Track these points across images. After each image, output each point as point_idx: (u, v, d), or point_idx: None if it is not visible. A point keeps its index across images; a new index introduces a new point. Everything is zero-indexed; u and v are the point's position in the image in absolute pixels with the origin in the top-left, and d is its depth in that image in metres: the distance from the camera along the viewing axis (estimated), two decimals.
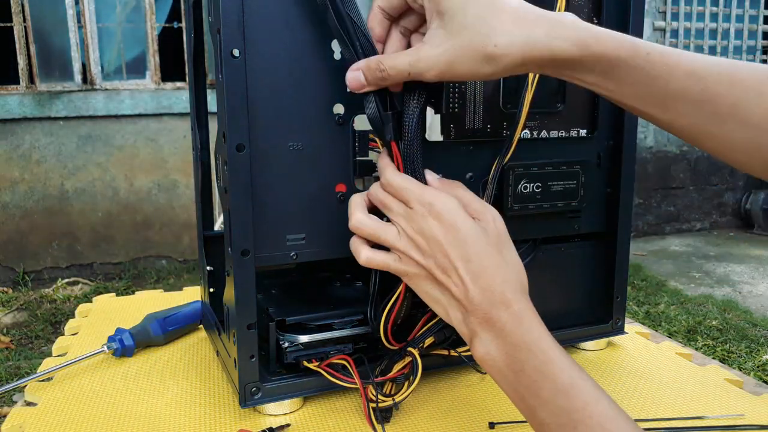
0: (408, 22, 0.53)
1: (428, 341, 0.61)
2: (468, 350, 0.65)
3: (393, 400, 0.60)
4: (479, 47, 0.44)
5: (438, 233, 0.48)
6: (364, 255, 0.53)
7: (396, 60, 0.48)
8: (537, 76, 0.59)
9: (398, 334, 0.61)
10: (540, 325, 0.46)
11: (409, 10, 0.51)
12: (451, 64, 0.46)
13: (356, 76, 0.51)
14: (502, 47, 0.44)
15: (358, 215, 0.53)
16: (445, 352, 0.65)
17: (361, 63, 0.51)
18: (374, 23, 0.52)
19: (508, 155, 0.62)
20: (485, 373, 0.70)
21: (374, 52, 0.51)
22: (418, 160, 0.52)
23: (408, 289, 0.57)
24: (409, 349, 0.60)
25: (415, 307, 0.58)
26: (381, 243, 0.52)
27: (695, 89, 0.42)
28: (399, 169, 0.52)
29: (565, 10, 0.57)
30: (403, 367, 0.60)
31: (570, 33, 0.44)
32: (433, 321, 0.61)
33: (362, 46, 0.51)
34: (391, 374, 0.60)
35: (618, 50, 0.43)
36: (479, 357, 0.47)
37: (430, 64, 0.46)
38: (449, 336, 0.62)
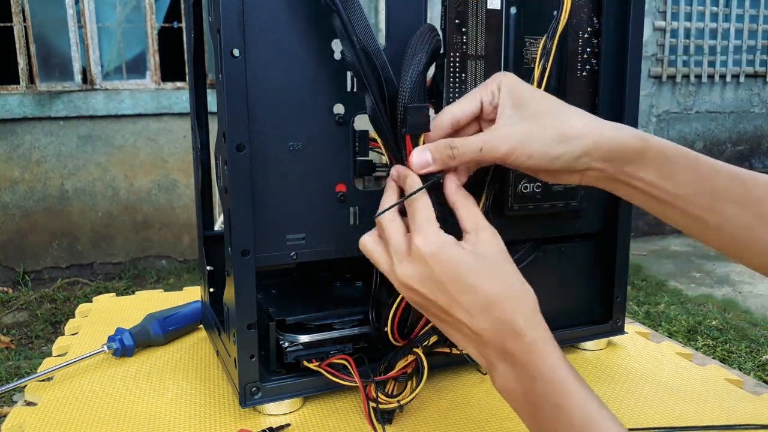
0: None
1: (431, 340, 0.61)
2: None
3: (398, 402, 0.59)
4: (555, 126, 0.47)
5: (438, 273, 0.45)
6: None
7: (467, 139, 0.49)
8: (544, 73, 0.58)
9: (403, 332, 0.61)
10: (555, 353, 0.44)
11: (473, 122, 0.52)
12: (525, 139, 0.47)
13: (423, 156, 0.50)
14: (576, 129, 0.47)
15: (363, 237, 0.51)
16: (447, 350, 0.65)
17: (430, 145, 0.50)
18: (441, 132, 0.51)
19: None
20: (486, 373, 0.70)
21: (378, 51, 0.51)
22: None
23: None
24: (414, 349, 0.60)
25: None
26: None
27: (740, 191, 0.46)
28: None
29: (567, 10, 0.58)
30: (405, 366, 0.60)
31: (631, 130, 0.48)
32: None
33: (359, 43, 0.51)
34: (392, 373, 0.60)
35: (672, 149, 0.47)
36: (498, 388, 0.46)
37: (505, 138, 0.48)
38: None
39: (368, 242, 0.51)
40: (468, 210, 0.49)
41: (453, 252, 0.45)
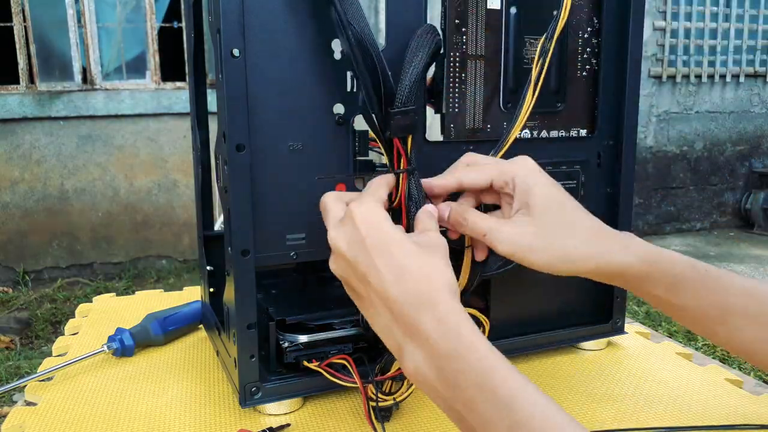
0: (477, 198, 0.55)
1: None
2: None
3: (393, 399, 0.60)
4: (561, 246, 0.49)
5: (363, 233, 0.44)
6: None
7: (480, 219, 0.51)
8: (542, 72, 0.58)
9: None
10: (472, 328, 0.40)
11: (486, 192, 0.54)
12: (529, 249, 0.49)
13: (444, 211, 0.53)
14: (582, 254, 0.49)
15: (327, 193, 0.52)
16: None
17: (453, 203, 0.53)
18: (441, 188, 0.54)
19: (501, 152, 0.61)
20: None
21: (374, 43, 0.51)
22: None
23: None
24: None
25: None
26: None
27: (752, 306, 0.47)
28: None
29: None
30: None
31: (639, 249, 0.49)
32: None
33: (354, 36, 0.50)
34: (390, 373, 0.60)
35: (681, 266, 0.49)
36: (408, 373, 0.41)
37: (509, 239, 0.49)
38: None
39: (327, 194, 0.52)
40: (425, 222, 0.50)
41: (384, 222, 0.45)
